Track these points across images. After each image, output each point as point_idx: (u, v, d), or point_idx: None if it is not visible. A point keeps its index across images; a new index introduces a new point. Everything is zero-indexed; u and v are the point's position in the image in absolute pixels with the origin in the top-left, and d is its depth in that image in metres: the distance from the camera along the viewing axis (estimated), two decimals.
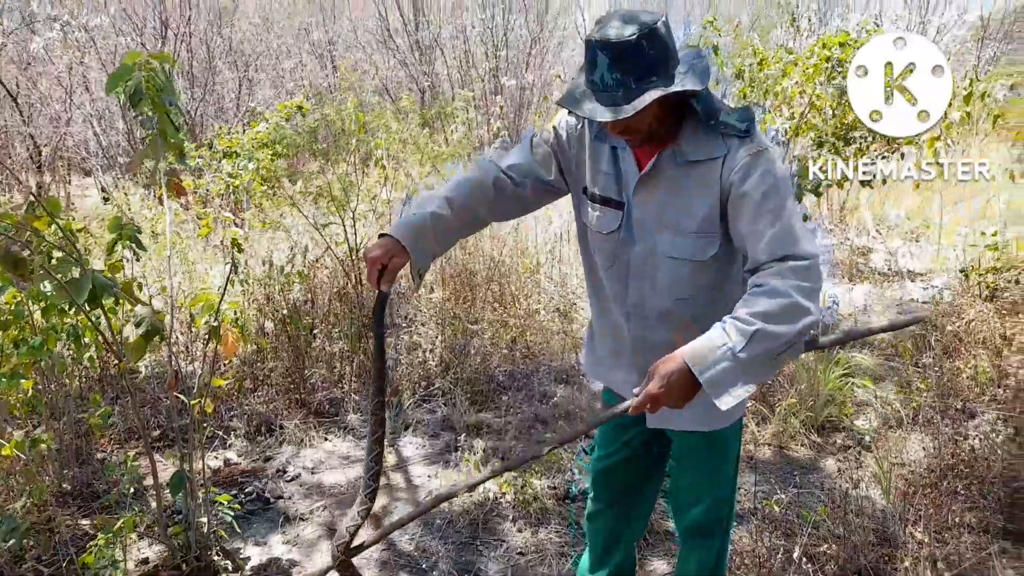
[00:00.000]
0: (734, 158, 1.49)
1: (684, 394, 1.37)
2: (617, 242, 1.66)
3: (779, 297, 1.35)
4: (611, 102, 1.43)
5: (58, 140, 10.21)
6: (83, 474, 3.07)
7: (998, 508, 2.58)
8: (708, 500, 1.85)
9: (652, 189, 1.59)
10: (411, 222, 1.64)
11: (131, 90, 2.21)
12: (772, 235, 1.42)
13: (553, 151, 1.71)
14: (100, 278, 2.20)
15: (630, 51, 1.40)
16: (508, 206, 1.76)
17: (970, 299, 4.15)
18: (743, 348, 1.33)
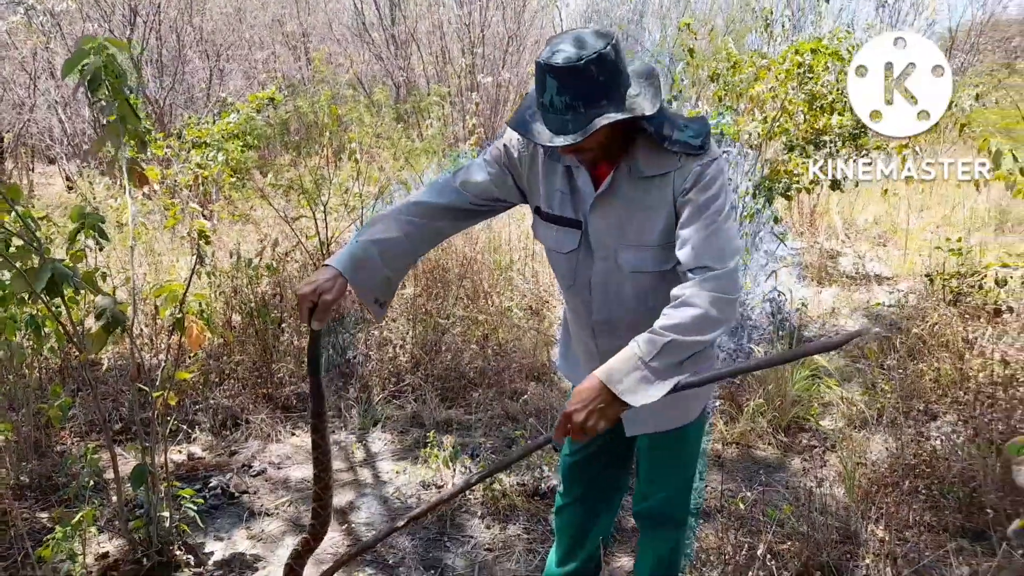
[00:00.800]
0: (685, 169, 1.51)
1: (605, 410, 1.39)
2: (577, 261, 1.67)
3: (693, 308, 1.40)
4: (560, 126, 1.42)
5: (21, 127, 9.97)
6: (42, 467, 2.99)
7: (957, 507, 2.63)
8: (666, 491, 1.88)
9: (610, 206, 1.59)
10: (352, 252, 1.59)
11: (88, 75, 2.16)
12: (701, 242, 1.47)
13: (506, 168, 1.70)
14: (60, 267, 2.15)
15: (579, 76, 1.39)
16: (461, 223, 1.75)
17: (934, 303, 4.23)
18: (654, 358, 1.38)
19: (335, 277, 1.55)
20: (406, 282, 4.72)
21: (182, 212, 4.84)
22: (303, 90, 6.01)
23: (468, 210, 1.71)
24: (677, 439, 1.81)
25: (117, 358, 3.99)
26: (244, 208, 5.90)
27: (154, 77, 9.57)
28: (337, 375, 3.92)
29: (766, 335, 4.32)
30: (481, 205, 1.71)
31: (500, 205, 1.76)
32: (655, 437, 1.82)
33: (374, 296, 1.62)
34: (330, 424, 3.57)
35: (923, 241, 6.25)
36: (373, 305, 1.64)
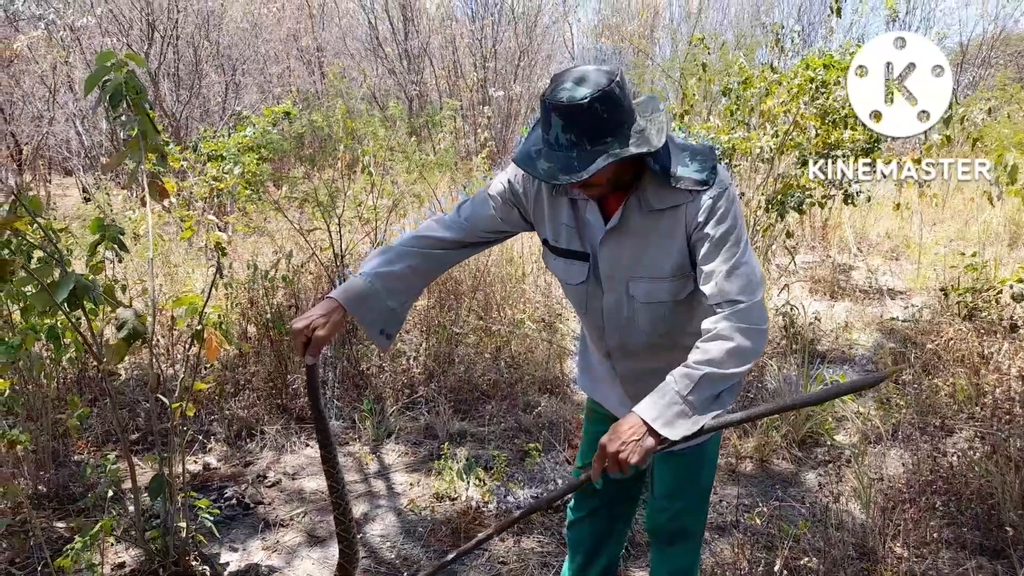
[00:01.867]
0: (697, 202, 1.51)
1: (639, 444, 1.40)
2: (587, 293, 1.68)
3: (725, 342, 1.43)
4: (566, 163, 1.43)
5: (40, 139, 10.11)
6: (59, 476, 3.02)
7: (975, 524, 2.61)
8: (682, 504, 1.87)
9: (621, 239, 1.59)
10: (354, 286, 1.60)
11: (110, 91, 2.20)
12: (725, 277, 1.48)
13: (511, 203, 1.70)
14: (81, 280, 2.18)
15: (583, 114, 1.40)
16: (468, 252, 1.76)
17: (949, 318, 4.21)
18: (691, 392, 1.40)
19: (332, 311, 1.56)
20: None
21: (198, 224, 4.89)
22: (317, 104, 6.07)
23: (474, 242, 1.73)
24: (695, 455, 1.81)
25: (133, 368, 4.02)
26: (259, 220, 5.95)
27: (171, 91, 9.69)
28: (351, 386, 3.93)
29: (779, 349, 4.32)
30: (486, 236, 1.73)
31: (505, 235, 1.77)
32: (673, 453, 1.82)
33: (379, 327, 1.63)
34: (340, 440, 3.59)
35: (936, 255, 6.22)
36: (379, 336, 1.64)
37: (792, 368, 3.81)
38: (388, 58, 12.15)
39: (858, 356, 4.49)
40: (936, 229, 7.35)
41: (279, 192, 5.73)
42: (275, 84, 11.64)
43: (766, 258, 5.45)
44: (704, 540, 2.71)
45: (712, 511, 2.91)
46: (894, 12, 7.44)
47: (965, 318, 4.15)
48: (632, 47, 14.37)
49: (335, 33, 13.83)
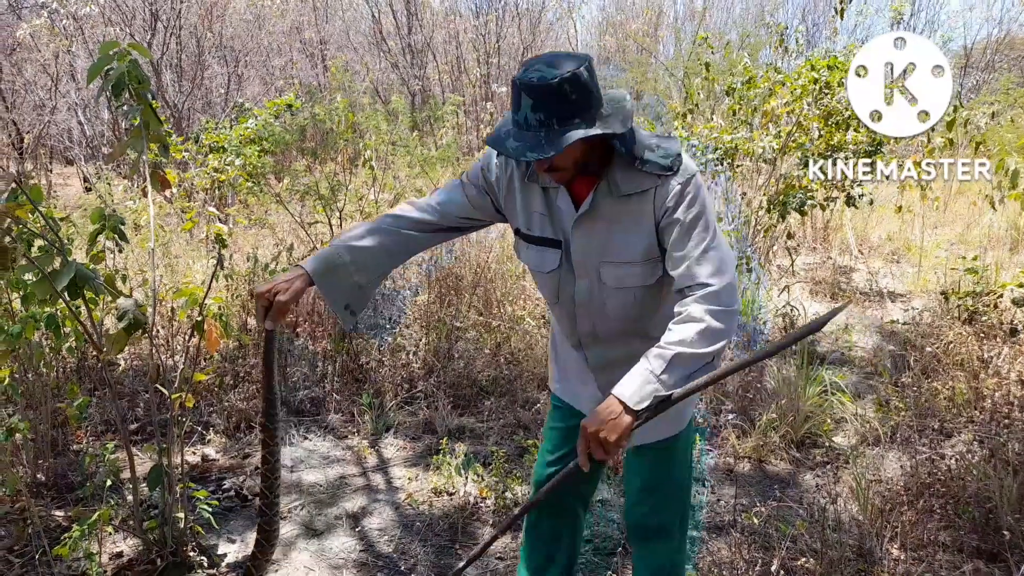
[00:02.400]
0: (665, 187, 1.56)
1: (616, 421, 1.44)
2: (560, 278, 1.71)
3: (696, 323, 1.47)
4: (534, 142, 1.46)
5: (41, 128, 10.08)
6: (58, 465, 3.02)
7: (972, 528, 2.61)
8: (652, 502, 1.86)
9: (592, 225, 1.63)
10: (322, 254, 1.64)
11: (113, 81, 2.20)
12: (695, 261, 1.53)
13: (484, 190, 1.74)
14: (82, 269, 2.17)
15: (552, 94, 1.44)
16: (440, 237, 1.79)
17: (949, 321, 4.21)
18: (664, 371, 1.45)
19: (295, 278, 1.59)
20: (420, 289, 4.74)
21: (199, 215, 4.88)
22: (320, 97, 6.06)
23: (446, 227, 1.76)
24: (666, 448, 1.82)
25: (133, 359, 4.02)
26: (260, 212, 5.95)
27: (173, 81, 9.67)
28: (350, 380, 3.93)
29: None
30: (459, 223, 1.76)
31: (478, 223, 1.80)
32: (642, 449, 1.83)
33: (344, 302, 1.65)
34: (339, 434, 3.59)
35: (937, 259, 6.22)
36: (343, 311, 1.66)
37: (792, 369, 3.81)
38: (391, 52, 12.14)
39: (856, 357, 4.50)
40: (937, 232, 7.35)
41: (280, 185, 5.73)
42: (278, 76, 11.62)
43: (767, 259, 5.46)
44: (701, 540, 2.71)
45: (709, 511, 2.91)
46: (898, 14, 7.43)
47: (965, 322, 4.15)
48: (636, 45, 14.36)
49: (339, 26, 13.81)
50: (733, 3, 16.58)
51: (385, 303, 4.58)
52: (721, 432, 3.47)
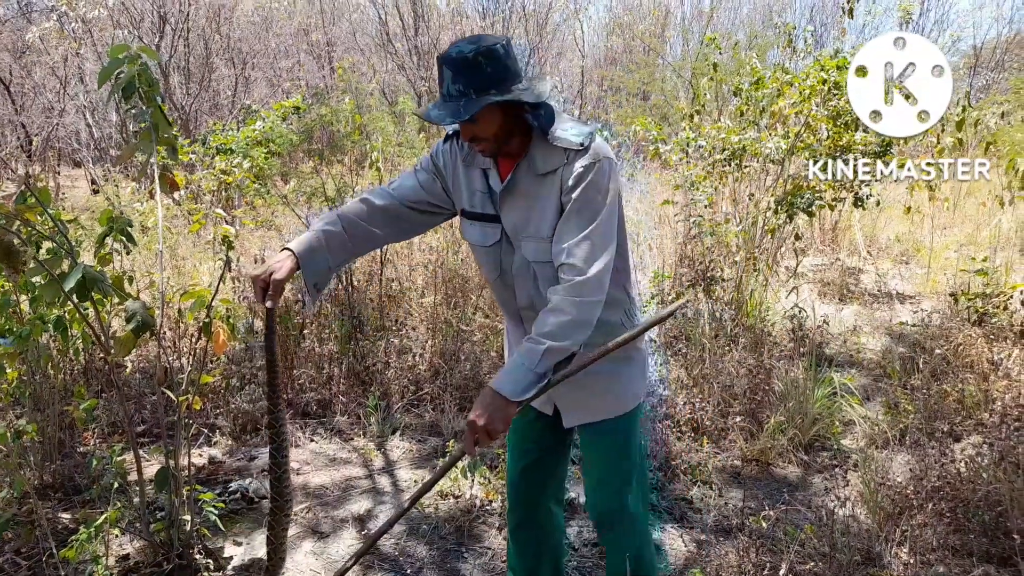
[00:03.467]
0: (570, 167, 1.65)
1: (501, 415, 1.56)
2: (500, 253, 1.80)
3: (561, 315, 1.58)
4: (454, 109, 1.58)
5: (50, 130, 10.13)
6: (65, 467, 3.03)
7: (982, 531, 2.59)
8: (608, 488, 1.92)
9: (514, 200, 1.73)
10: (306, 237, 1.77)
11: (123, 83, 2.21)
12: (573, 243, 1.62)
13: (434, 175, 1.85)
14: (90, 271, 2.18)
15: (468, 66, 1.56)
16: (400, 226, 1.88)
17: (959, 323, 4.18)
18: (537, 364, 1.57)
19: (286, 259, 1.71)
20: (425, 291, 4.74)
21: (206, 217, 4.89)
22: (327, 99, 6.08)
23: (403, 215, 1.85)
24: (612, 430, 1.88)
25: (140, 361, 4.03)
26: (267, 214, 5.96)
27: (181, 84, 9.70)
28: (357, 382, 3.93)
29: (786, 352, 4.29)
30: (414, 209, 1.85)
31: (433, 213, 1.88)
32: (592, 432, 1.89)
33: (314, 280, 1.77)
34: (346, 436, 3.59)
35: (946, 260, 6.19)
36: (312, 289, 1.79)
37: (799, 371, 3.79)
38: (398, 54, 12.15)
39: (865, 359, 4.47)
40: (947, 233, 7.30)
41: (287, 186, 5.74)
42: (285, 78, 11.64)
43: (775, 260, 5.43)
44: (708, 543, 2.70)
45: (717, 514, 2.90)
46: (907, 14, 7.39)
47: (975, 323, 4.12)
48: (643, 46, 14.33)
49: (345, 28, 13.84)
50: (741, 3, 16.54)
51: (391, 304, 4.58)
52: (728, 434, 3.46)
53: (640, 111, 11.62)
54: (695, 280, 4.65)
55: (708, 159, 5.35)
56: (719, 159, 5.28)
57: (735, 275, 4.71)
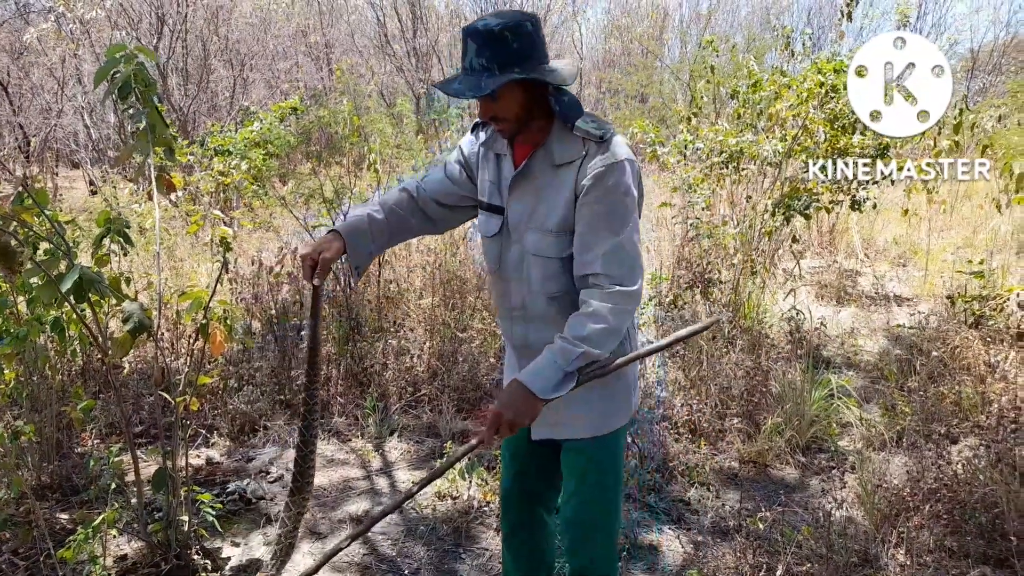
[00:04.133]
0: (589, 163, 1.58)
1: (527, 408, 1.55)
2: (500, 245, 1.77)
3: (601, 323, 1.54)
4: (475, 84, 1.53)
5: (48, 131, 10.12)
6: (63, 468, 3.02)
7: (979, 533, 2.60)
8: (577, 499, 1.85)
9: (524, 190, 1.69)
10: (352, 220, 1.78)
11: (119, 84, 2.20)
12: (609, 252, 1.57)
13: (460, 165, 1.84)
14: (88, 272, 2.18)
15: (495, 40, 1.51)
16: (428, 218, 1.87)
17: (956, 325, 4.19)
18: (570, 364, 1.55)
19: (334, 239, 1.72)
20: (423, 292, 4.74)
21: (204, 219, 4.89)
22: (325, 101, 6.08)
23: (428, 208, 1.84)
24: (591, 449, 1.81)
25: (138, 361, 4.03)
26: (264, 216, 5.96)
27: (179, 85, 9.69)
28: (354, 383, 3.93)
29: (784, 354, 4.30)
30: (439, 203, 1.84)
31: (456, 208, 1.86)
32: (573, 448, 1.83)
33: (356, 263, 1.79)
34: (343, 437, 3.59)
35: (944, 262, 6.20)
36: (354, 270, 1.80)
37: (797, 373, 3.80)
38: (396, 55, 12.16)
39: (862, 361, 4.48)
40: (944, 236, 7.32)
41: (285, 188, 5.74)
42: (283, 80, 11.64)
43: (772, 262, 5.44)
44: (705, 544, 2.71)
45: (714, 515, 2.90)
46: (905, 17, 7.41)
47: (971, 326, 4.13)
48: (641, 48, 14.35)
49: (344, 30, 13.85)
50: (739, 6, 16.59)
51: (389, 306, 4.58)
52: (726, 436, 3.46)
53: (638, 113, 11.64)
54: (692, 282, 4.66)
55: (706, 161, 5.36)
56: (717, 161, 5.29)
57: (732, 277, 4.72)
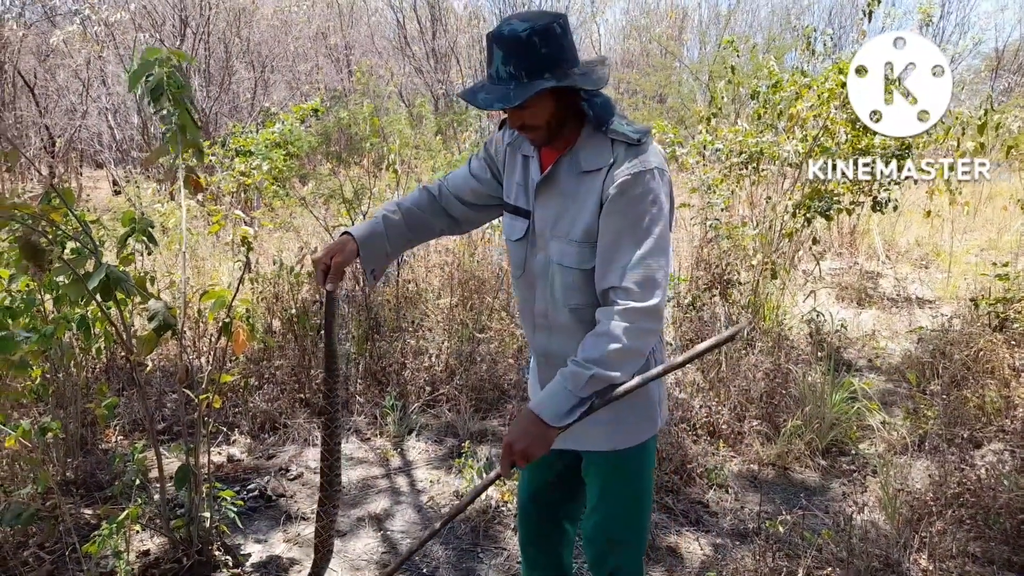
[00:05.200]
0: (616, 170, 1.50)
1: (539, 438, 1.48)
2: (526, 250, 1.70)
3: (614, 343, 1.45)
4: (503, 93, 1.45)
5: (73, 132, 10.27)
6: (87, 464, 3.07)
7: (1003, 539, 2.56)
8: (598, 515, 1.80)
9: (549, 196, 1.62)
10: (367, 223, 1.75)
11: (152, 85, 2.23)
12: (628, 264, 1.48)
13: (486, 163, 1.79)
14: (115, 271, 2.21)
15: (522, 46, 1.43)
16: (451, 218, 1.84)
17: (979, 328, 4.14)
18: (581, 389, 1.46)
19: (348, 242, 1.68)
20: (441, 292, 4.76)
21: (226, 219, 4.94)
22: (344, 102, 6.11)
23: (452, 207, 1.82)
24: (616, 462, 1.75)
25: (161, 360, 4.08)
26: (285, 216, 6.01)
27: (201, 86, 9.79)
28: (374, 383, 3.96)
29: (804, 356, 4.27)
30: (463, 201, 1.81)
31: (481, 207, 1.82)
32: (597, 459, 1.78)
33: (372, 266, 1.75)
34: (363, 436, 3.61)
35: (967, 264, 6.12)
36: (368, 275, 1.76)
37: (817, 376, 3.77)
38: (416, 57, 12.20)
39: (884, 364, 4.43)
40: (967, 238, 7.23)
41: (305, 188, 5.78)
42: (304, 81, 11.73)
43: (792, 264, 5.40)
44: (724, 547, 2.69)
45: (733, 517, 2.89)
46: (928, 16, 7.32)
47: (995, 329, 4.08)
48: (660, 48, 14.30)
49: (364, 31, 13.92)
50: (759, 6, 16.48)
51: (408, 306, 4.60)
52: (745, 438, 3.44)
53: (657, 114, 11.60)
54: (711, 283, 4.64)
55: (725, 162, 5.33)
56: (736, 162, 5.26)
57: (752, 279, 4.69)
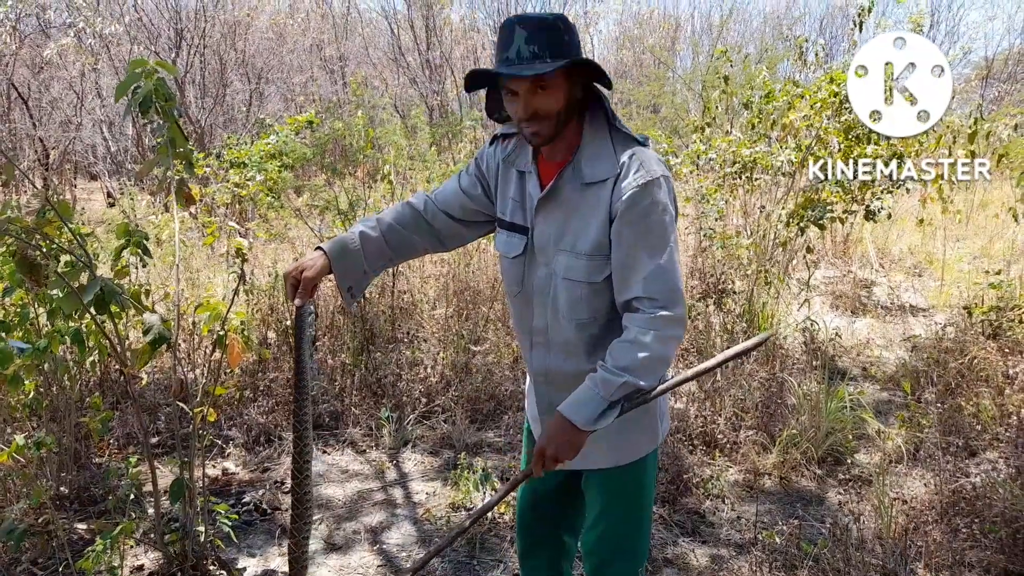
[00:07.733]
0: (624, 181, 1.50)
1: (570, 442, 1.51)
2: (524, 266, 1.69)
3: (644, 351, 1.48)
4: (530, 67, 1.44)
5: (67, 144, 10.26)
6: (81, 478, 3.05)
7: (1000, 548, 2.56)
8: (598, 530, 1.81)
9: (552, 210, 1.60)
10: (340, 238, 1.71)
11: (140, 98, 2.23)
12: (648, 275, 1.49)
13: (477, 178, 1.76)
14: (109, 284, 2.21)
15: (548, 27, 1.45)
16: (437, 235, 1.80)
17: (973, 336, 4.15)
18: (612, 394, 1.49)
19: (319, 258, 1.66)
20: (437, 303, 4.76)
21: (220, 230, 4.93)
22: (339, 113, 6.13)
23: (439, 223, 1.78)
24: (617, 478, 1.75)
25: (155, 372, 4.07)
26: (280, 227, 6.00)
27: (196, 98, 9.80)
28: (369, 394, 3.95)
29: (799, 365, 4.28)
30: (452, 217, 1.77)
31: (471, 223, 1.79)
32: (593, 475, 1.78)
33: (348, 284, 1.71)
34: (359, 448, 3.60)
35: (960, 272, 6.15)
36: (345, 293, 1.72)
37: (812, 384, 3.78)
38: (410, 68, 12.24)
39: (880, 372, 4.44)
40: (960, 245, 7.26)
41: (300, 199, 5.79)
42: (298, 93, 11.75)
43: (786, 272, 5.42)
44: (720, 557, 2.69)
45: (730, 528, 2.89)
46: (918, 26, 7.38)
47: (989, 337, 4.10)
48: (653, 59, 14.38)
49: (358, 43, 13.97)
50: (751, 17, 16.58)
51: (403, 317, 4.60)
52: (741, 448, 3.44)
53: (650, 124, 11.64)
54: (706, 292, 4.65)
55: (719, 171, 5.35)
56: (730, 172, 5.29)
57: (747, 287, 4.71)
